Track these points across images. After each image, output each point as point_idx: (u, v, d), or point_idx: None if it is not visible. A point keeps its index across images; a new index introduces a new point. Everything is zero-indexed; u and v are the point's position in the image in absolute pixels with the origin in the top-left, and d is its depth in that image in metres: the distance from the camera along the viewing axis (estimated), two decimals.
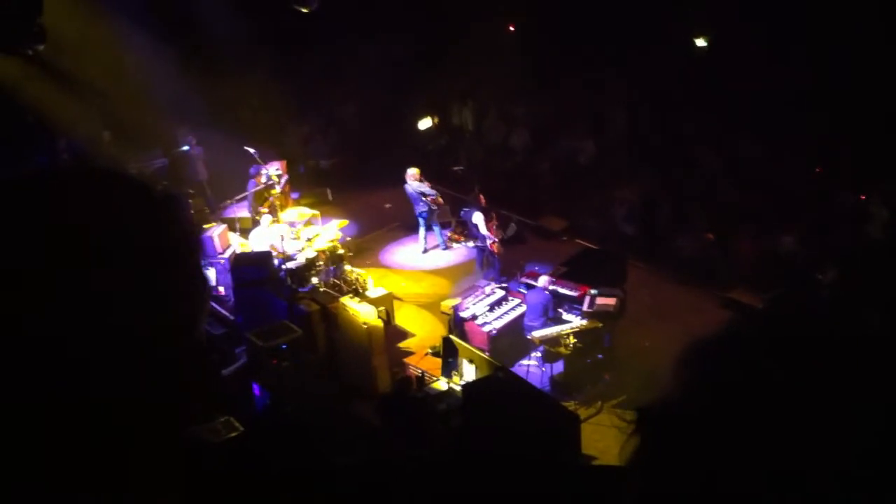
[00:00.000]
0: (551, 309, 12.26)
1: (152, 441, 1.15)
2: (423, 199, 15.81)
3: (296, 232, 14.78)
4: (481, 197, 15.26)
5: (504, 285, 13.66)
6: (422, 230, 16.22)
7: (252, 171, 16.86)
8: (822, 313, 1.06)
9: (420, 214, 16.00)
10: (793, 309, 1.07)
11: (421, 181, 15.92)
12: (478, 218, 14.75)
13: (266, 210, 15.32)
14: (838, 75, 16.44)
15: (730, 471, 0.96)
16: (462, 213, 16.99)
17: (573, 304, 12.62)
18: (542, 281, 12.53)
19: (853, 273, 13.44)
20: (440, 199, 16.13)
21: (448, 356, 11.90)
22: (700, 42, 19.25)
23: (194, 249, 1.22)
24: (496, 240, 14.81)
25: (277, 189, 15.96)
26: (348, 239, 15.18)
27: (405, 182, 15.94)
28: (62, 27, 15.71)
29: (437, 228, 16.30)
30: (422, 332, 13.66)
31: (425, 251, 16.30)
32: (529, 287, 12.92)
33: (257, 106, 21.28)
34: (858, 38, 16.08)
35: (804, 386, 0.96)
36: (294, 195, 17.70)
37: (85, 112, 17.16)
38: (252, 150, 16.58)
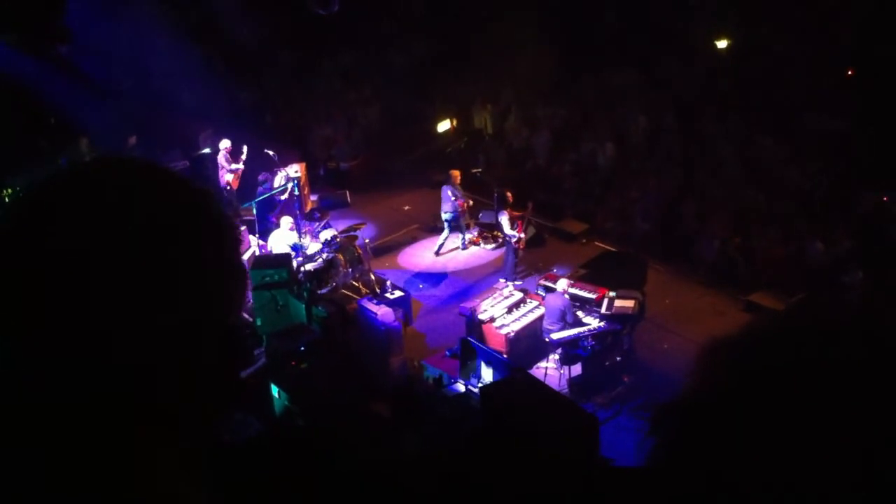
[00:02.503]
0: (570, 313, 12.17)
1: (186, 438, 1.16)
2: (454, 200, 15.87)
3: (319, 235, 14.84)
4: (509, 195, 15.29)
5: (514, 283, 13.69)
6: (445, 232, 16.23)
7: (260, 177, 16.92)
8: (847, 317, 1.05)
9: (445, 215, 16.04)
10: (817, 312, 1.05)
11: (457, 185, 16.04)
12: (503, 218, 14.76)
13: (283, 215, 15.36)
14: (860, 76, 16.35)
15: (743, 472, 0.94)
16: (481, 215, 17.01)
17: (592, 307, 12.57)
18: (561, 285, 12.46)
19: (879, 275, 13.32)
20: (466, 205, 16.19)
21: (466, 358, 11.89)
22: (721, 44, 19.21)
23: (237, 241, 1.23)
24: (521, 237, 14.79)
25: (296, 191, 16.00)
26: (367, 241, 15.19)
27: (444, 181, 16.06)
28: (86, 29, 15.85)
29: (446, 233, 16.28)
30: (440, 333, 13.64)
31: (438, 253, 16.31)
32: (548, 290, 12.87)
33: (280, 109, 21.40)
34: (879, 39, 15.99)
35: (826, 390, 0.95)
36: (313, 197, 17.78)
37: (108, 114, 17.28)
38: (271, 153, 16.64)
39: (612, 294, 12.53)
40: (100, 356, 1.07)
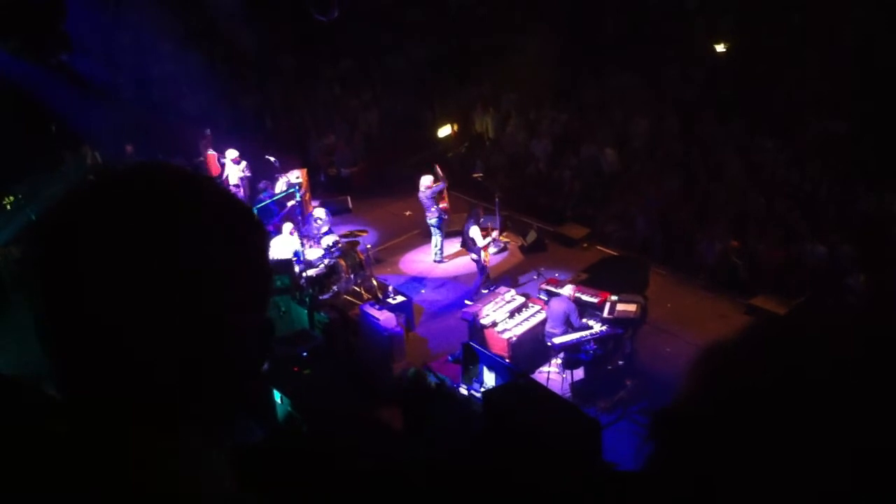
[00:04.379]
0: (575, 317, 12.17)
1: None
2: (436, 204, 15.72)
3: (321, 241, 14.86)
4: (481, 211, 15.29)
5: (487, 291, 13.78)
6: (435, 238, 16.12)
7: (261, 185, 16.93)
8: (849, 320, 1.04)
9: (431, 220, 15.90)
10: (818, 315, 1.05)
11: (431, 187, 15.81)
12: (474, 231, 14.48)
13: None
14: (860, 77, 16.36)
15: (741, 478, 0.94)
16: (482, 220, 17.00)
17: (594, 311, 12.56)
18: (567, 290, 12.47)
19: (882, 278, 13.29)
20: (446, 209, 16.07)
21: (469, 363, 11.88)
22: (719, 48, 19.24)
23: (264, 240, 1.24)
24: (484, 255, 14.53)
25: (298, 196, 16.02)
26: (369, 246, 15.19)
27: (419, 190, 15.92)
28: (87, 35, 15.87)
29: (440, 239, 16.12)
30: (442, 338, 13.64)
31: (441, 260, 16.21)
32: (551, 294, 12.87)
33: (280, 115, 21.43)
34: (878, 40, 16.01)
35: (827, 394, 0.94)
36: (314, 202, 17.81)
37: (109, 120, 17.30)
38: (272, 159, 16.66)
39: (614, 298, 12.52)
40: (104, 356, 1.08)
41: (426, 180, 15.69)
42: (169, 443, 1.11)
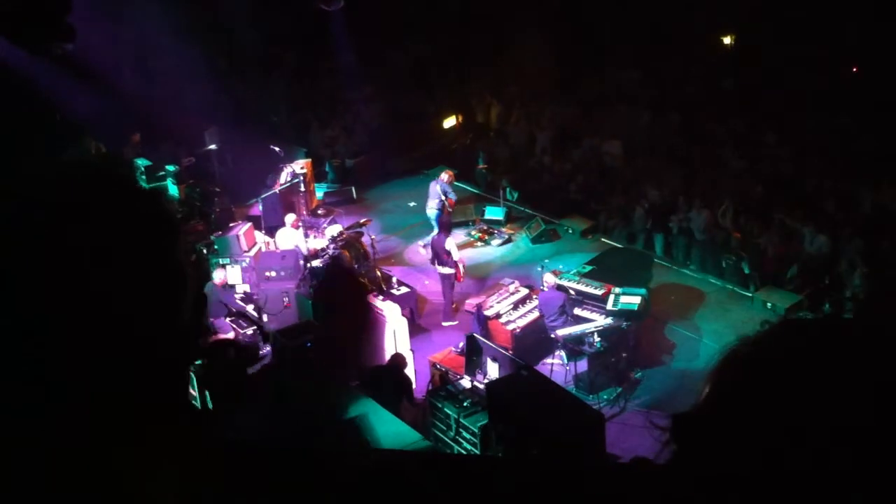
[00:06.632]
0: (569, 307, 12.21)
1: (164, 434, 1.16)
2: (443, 198, 15.74)
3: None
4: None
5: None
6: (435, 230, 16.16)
7: (269, 181, 16.96)
8: (853, 313, 1.04)
9: (431, 212, 15.94)
10: (824, 309, 1.04)
11: (450, 184, 15.93)
12: (450, 244, 14.01)
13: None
14: (862, 73, 16.35)
15: (760, 477, 0.94)
16: (486, 210, 16.98)
17: (598, 303, 12.58)
18: (549, 279, 12.52)
19: (883, 272, 13.28)
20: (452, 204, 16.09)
21: (472, 354, 11.88)
22: (726, 40, 19.21)
23: (174, 241, 1.22)
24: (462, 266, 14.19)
25: (302, 187, 16.04)
26: (373, 237, 15.20)
27: (435, 178, 15.95)
28: (91, 27, 15.84)
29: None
30: (446, 329, 13.65)
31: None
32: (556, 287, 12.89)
33: (284, 106, 21.41)
34: (880, 37, 15.98)
35: (837, 390, 0.94)
36: (318, 193, 17.82)
37: (113, 111, 17.30)
38: (277, 149, 16.66)
39: (617, 290, 12.53)
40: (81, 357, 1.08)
41: (445, 175, 15.83)
42: (151, 440, 1.12)
